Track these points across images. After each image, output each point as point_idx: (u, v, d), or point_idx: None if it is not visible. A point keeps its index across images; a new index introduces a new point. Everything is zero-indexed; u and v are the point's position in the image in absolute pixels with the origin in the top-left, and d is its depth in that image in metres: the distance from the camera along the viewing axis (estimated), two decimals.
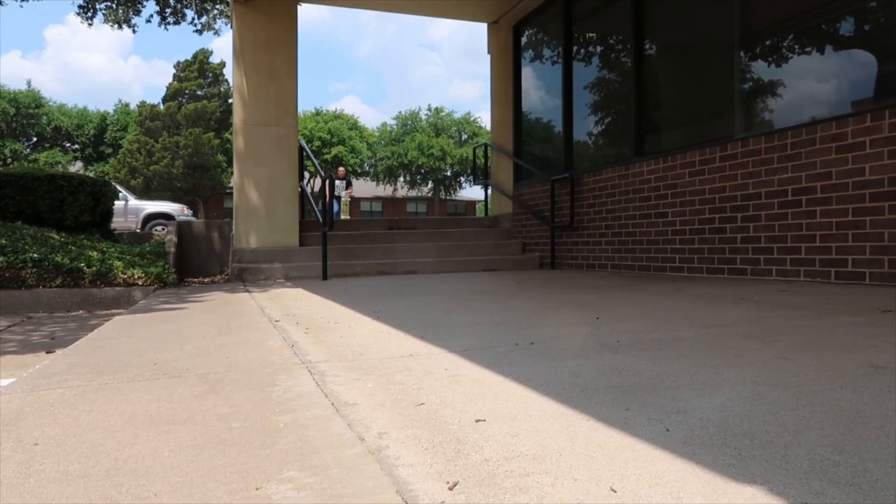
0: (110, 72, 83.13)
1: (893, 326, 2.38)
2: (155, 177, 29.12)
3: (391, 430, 1.31)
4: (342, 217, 14.08)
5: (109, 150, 35.47)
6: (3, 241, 5.37)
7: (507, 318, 2.98)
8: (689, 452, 1.12)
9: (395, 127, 40.30)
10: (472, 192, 49.34)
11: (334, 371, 1.91)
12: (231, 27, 7.52)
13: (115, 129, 36.39)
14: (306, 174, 9.15)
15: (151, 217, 14.78)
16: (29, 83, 38.08)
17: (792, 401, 1.42)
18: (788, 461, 1.06)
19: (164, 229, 12.10)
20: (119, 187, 13.15)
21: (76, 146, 36.62)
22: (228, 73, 32.78)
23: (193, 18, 11.16)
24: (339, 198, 14.50)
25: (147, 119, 30.59)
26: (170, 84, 32.47)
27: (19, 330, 3.92)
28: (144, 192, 27.39)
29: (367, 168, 40.96)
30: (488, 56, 8.90)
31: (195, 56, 32.59)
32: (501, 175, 8.79)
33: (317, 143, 36.44)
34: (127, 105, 37.87)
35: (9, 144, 32.82)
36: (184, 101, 31.92)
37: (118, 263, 5.60)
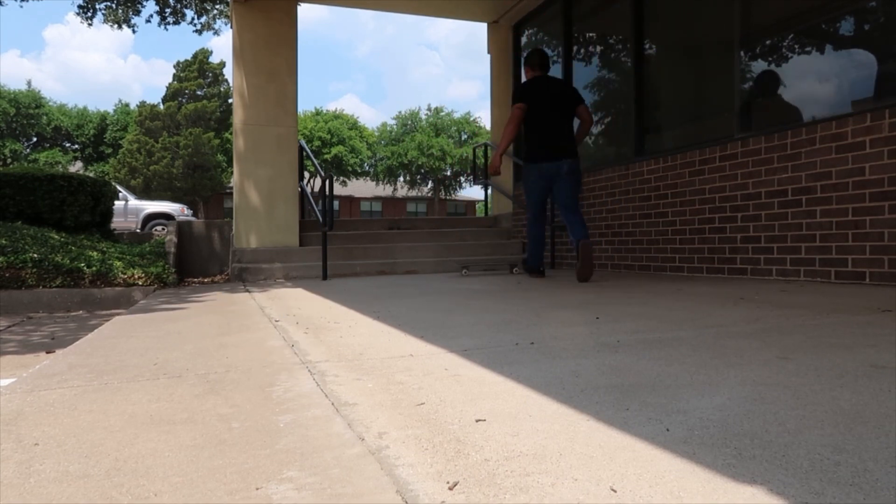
0: (110, 72, 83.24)
1: (893, 326, 2.38)
2: (155, 177, 29.13)
3: (391, 430, 1.31)
4: None
5: (109, 150, 35.48)
6: (3, 242, 5.37)
7: (507, 317, 2.98)
8: (689, 452, 1.12)
9: (394, 127, 40.30)
10: (472, 192, 49.36)
11: (334, 371, 1.91)
12: (231, 27, 7.52)
13: (115, 129, 36.39)
14: (306, 174, 9.15)
15: (151, 217, 14.79)
16: (29, 83, 38.11)
17: (792, 400, 1.42)
18: (789, 461, 1.06)
19: (164, 229, 12.10)
20: (119, 187, 13.16)
21: (76, 146, 36.62)
22: (228, 73, 32.79)
23: (193, 18, 11.18)
24: None
25: (147, 119, 30.60)
26: (170, 84, 32.48)
27: (19, 330, 3.93)
28: (144, 192, 27.41)
29: (367, 168, 40.96)
30: (488, 56, 8.90)
31: (195, 56, 32.61)
32: (501, 175, 8.78)
33: (317, 143, 36.44)
34: (127, 105, 37.89)
35: (9, 144, 32.82)
36: (184, 101, 31.93)
37: (118, 263, 5.60)
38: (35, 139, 35.29)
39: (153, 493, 1.03)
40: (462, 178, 40.19)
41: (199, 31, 13.68)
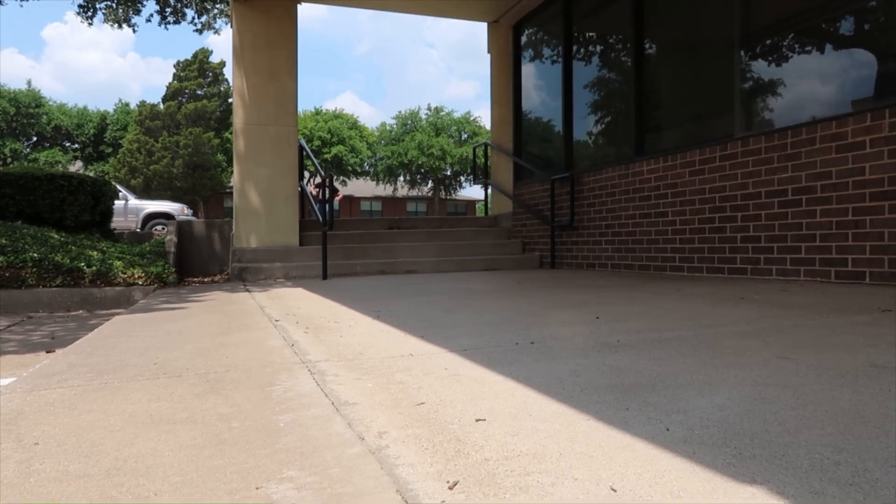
0: (109, 71, 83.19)
1: (893, 326, 2.38)
2: (155, 176, 29.12)
3: (391, 430, 1.31)
4: None
5: (109, 150, 35.46)
6: (4, 241, 5.37)
7: (507, 317, 2.98)
8: (689, 452, 1.12)
9: (394, 126, 40.28)
10: (472, 191, 49.32)
11: (334, 370, 1.91)
12: (231, 27, 7.52)
13: (115, 128, 36.37)
14: (306, 174, 9.15)
15: (151, 216, 14.78)
16: (29, 83, 38.08)
17: (792, 400, 1.42)
18: (788, 460, 1.06)
19: (164, 229, 12.09)
20: (119, 187, 13.15)
21: (76, 146, 36.60)
22: (228, 72, 32.77)
23: (193, 18, 11.16)
24: None
25: (147, 118, 30.58)
26: (170, 83, 32.46)
27: (19, 329, 3.93)
28: (144, 192, 27.38)
29: (367, 168, 40.94)
30: (488, 56, 8.90)
31: (195, 55, 32.59)
32: (501, 174, 8.79)
33: (317, 142, 36.44)
34: (127, 104, 37.85)
35: (9, 144, 32.81)
36: (184, 100, 31.91)
37: (118, 263, 5.60)
38: (35, 138, 35.27)
39: (153, 493, 1.03)
40: (462, 178, 40.15)
41: (200, 31, 13.68)
